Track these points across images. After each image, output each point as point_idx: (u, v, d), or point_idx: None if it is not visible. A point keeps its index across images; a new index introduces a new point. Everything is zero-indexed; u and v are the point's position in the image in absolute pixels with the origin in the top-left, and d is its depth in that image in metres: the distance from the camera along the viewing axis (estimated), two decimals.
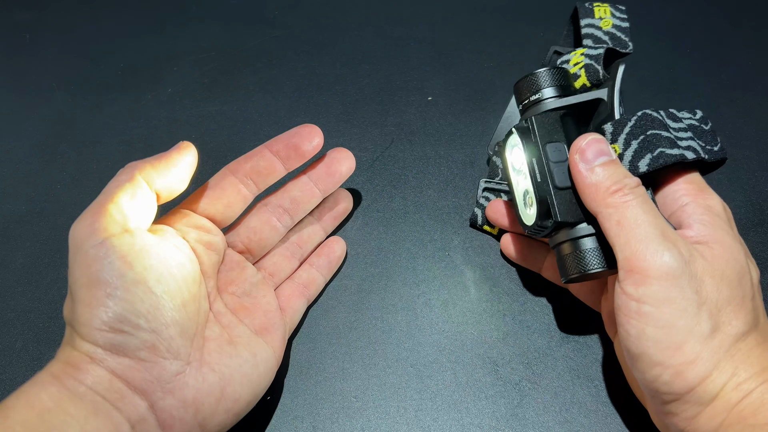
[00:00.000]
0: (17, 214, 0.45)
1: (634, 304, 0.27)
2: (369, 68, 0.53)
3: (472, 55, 0.54)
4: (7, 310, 0.39)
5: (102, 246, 0.27)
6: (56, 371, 0.26)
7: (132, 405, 0.26)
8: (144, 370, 0.27)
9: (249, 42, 0.57)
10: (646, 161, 0.30)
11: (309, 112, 0.50)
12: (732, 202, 0.43)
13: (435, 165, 0.45)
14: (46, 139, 0.49)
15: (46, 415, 0.25)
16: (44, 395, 0.25)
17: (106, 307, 0.26)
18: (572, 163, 0.30)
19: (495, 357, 0.36)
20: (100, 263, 0.27)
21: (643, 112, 0.31)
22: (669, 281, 0.26)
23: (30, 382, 0.26)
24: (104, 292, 0.26)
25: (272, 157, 0.36)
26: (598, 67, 0.34)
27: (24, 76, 0.55)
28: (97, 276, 0.27)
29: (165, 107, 0.51)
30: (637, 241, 0.27)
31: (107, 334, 0.26)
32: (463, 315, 0.38)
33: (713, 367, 0.26)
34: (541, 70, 0.33)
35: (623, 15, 0.39)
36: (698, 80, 0.52)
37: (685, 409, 0.26)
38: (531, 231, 0.32)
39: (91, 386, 0.26)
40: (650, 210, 0.28)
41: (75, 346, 0.27)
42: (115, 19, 0.60)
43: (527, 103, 0.33)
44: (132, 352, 0.27)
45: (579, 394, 0.34)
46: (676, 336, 0.26)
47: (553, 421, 0.34)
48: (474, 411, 0.34)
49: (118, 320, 0.26)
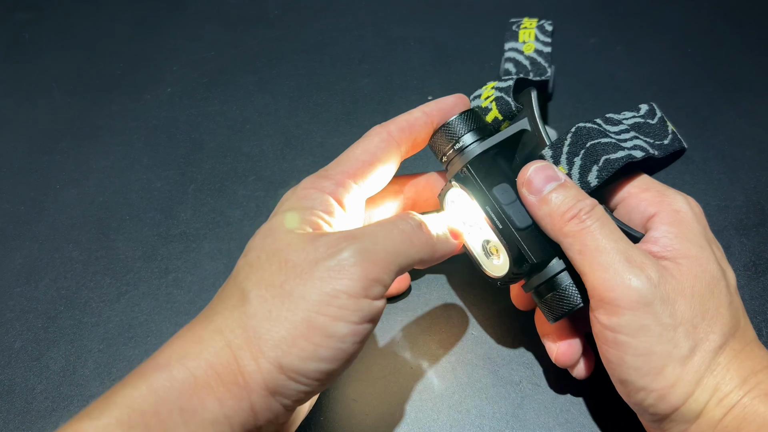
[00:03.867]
0: (16, 213, 0.45)
1: (609, 333, 0.26)
2: (369, 68, 0.53)
3: (472, 55, 0.54)
4: (5, 311, 0.39)
5: (360, 304, 0.24)
6: (200, 377, 0.23)
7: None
8: (275, 413, 0.24)
9: (249, 42, 0.57)
10: (594, 174, 0.29)
11: (309, 111, 0.50)
12: (732, 202, 0.43)
13: (435, 165, 0.45)
14: (46, 139, 0.49)
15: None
16: (177, 410, 0.22)
17: (306, 357, 0.23)
18: (522, 197, 0.29)
19: (495, 357, 0.36)
20: (344, 318, 0.24)
21: (576, 127, 0.30)
22: (641, 309, 0.25)
23: (164, 372, 0.23)
24: (318, 342, 0.24)
25: (429, 131, 0.32)
26: (509, 99, 0.34)
27: (23, 76, 0.55)
28: (327, 325, 0.24)
29: (164, 107, 0.51)
30: (602, 269, 0.26)
31: (284, 377, 0.24)
32: (464, 315, 0.38)
33: (695, 386, 0.26)
34: (453, 118, 0.32)
35: (547, 38, 0.38)
36: (698, 80, 0.51)
37: (671, 427, 0.27)
38: (503, 281, 0.31)
39: (229, 416, 0.23)
40: (611, 233, 0.27)
41: (237, 355, 0.24)
42: (115, 19, 0.60)
43: (451, 154, 0.32)
44: (283, 398, 0.24)
45: (580, 395, 0.34)
46: (656, 362, 0.25)
47: (554, 422, 0.33)
48: (474, 412, 0.34)
49: (303, 374, 0.24)
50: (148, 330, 0.38)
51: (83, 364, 0.37)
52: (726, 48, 0.54)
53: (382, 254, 0.25)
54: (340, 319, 0.24)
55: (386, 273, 0.25)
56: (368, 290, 0.24)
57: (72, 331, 0.38)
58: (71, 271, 0.41)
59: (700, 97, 0.50)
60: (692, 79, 0.52)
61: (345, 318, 0.24)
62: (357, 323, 0.24)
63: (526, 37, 0.38)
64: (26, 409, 0.35)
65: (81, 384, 0.36)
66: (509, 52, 0.38)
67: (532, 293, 0.31)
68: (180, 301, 0.39)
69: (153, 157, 0.48)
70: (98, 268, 0.41)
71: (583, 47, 0.55)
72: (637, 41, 0.55)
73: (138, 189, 0.46)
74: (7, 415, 0.34)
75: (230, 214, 0.44)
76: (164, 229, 0.43)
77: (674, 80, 0.52)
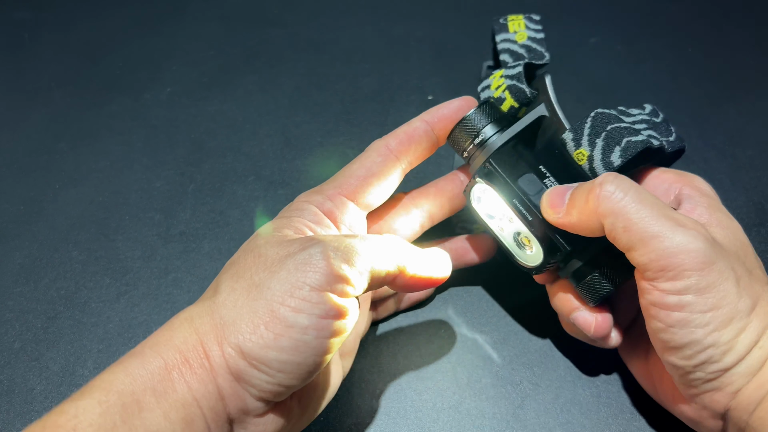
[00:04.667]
0: (16, 213, 0.44)
1: (673, 297, 0.26)
2: (369, 67, 0.53)
3: (472, 55, 0.53)
4: (5, 311, 0.39)
5: (325, 298, 0.24)
6: (169, 362, 0.24)
7: (221, 429, 0.25)
8: (244, 401, 0.25)
9: (248, 41, 0.57)
10: (617, 154, 0.29)
11: (309, 111, 0.50)
12: (733, 202, 0.43)
13: (435, 164, 0.45)
14: (45, 139, 0.49)
15: (147, 414, 0.23)
16: (150, 390, 0.23)
17: (266, 345, 0.24)
18: (551, 221, 0.29)
19: (495, 357, 0.36)
20: (306, 310, 0.24)
21: (595, 112, 0.31)
22: (707, 268, 0.25)
23: (138, 358, 0.24)
24: (278, 332, 0.24)
25: (432, 139, 0.32)
26: (522, 85, 0.33)
27: (22, 75, 0.55)
28: (287, 315, 0.24)
29: (164, 106, 0.51)
30: (657, 240, 0.26)
31: (245, 363, 0.24)
32: (464, 315, 0.38)
33: (762, 333, 0.26)
34: (471, 112, 0.32)
35: (538, 26, 0.38)
36: (699, 80, 0.51)
37: (731, 382, 0.26)
38: (539, 270, 0.31)
39: (198, 398, 0.24)
40: (647, 200, 0.26)
41: (202, 341, 0.24)
42: (114, 18, 0.60)
43: (472, 149, 0.32)
44: (247, 386, 0.24)
45: (580, 395, 0.34)
46: (724, 315, 0.26)
47: (554, 422, 0.33)
48: (475, 412, 0.34)
49: (263, 361, 0.24)
50: (148, 330, 0.38)
51: (83, 364, 0.36)
52: (726, 48, 0.54)
53: (354, 256, 0.25)
54: (301, 310, 0.24)
55: (355, 274, 0.25)
56: (334, 285, 0.25)
57: (72, 331, 0.38)
58: (71, 271, 0.41)
59: (700, 97, 0.50)
60: (692, 79, 0.52)
61: (307, 310, 0.24)
62: (320, 317, 0.24)
63: (516, 27, 0.38)
64: (26, 409, 0.35)
65: (81, 384, 0.36)
66: (502, 43, 0.38)
67: (569, 277, 0.31)
68: (180, 301, 0.39)
69: (153, 157, 0.48)
70: (98, 268, 0.41)
71: (583, 47, 0.55)
72: (637, 41, 0.55)
73: (138, 189, 0.46)
74: (7, 415, 0.34)
75: (230, 214, 0.44)
76: (164, 229, 0.43)
77: (674, 80, 0.52)
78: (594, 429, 0.33)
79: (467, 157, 0.33)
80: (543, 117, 0.32)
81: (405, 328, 0.37)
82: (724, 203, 0.31)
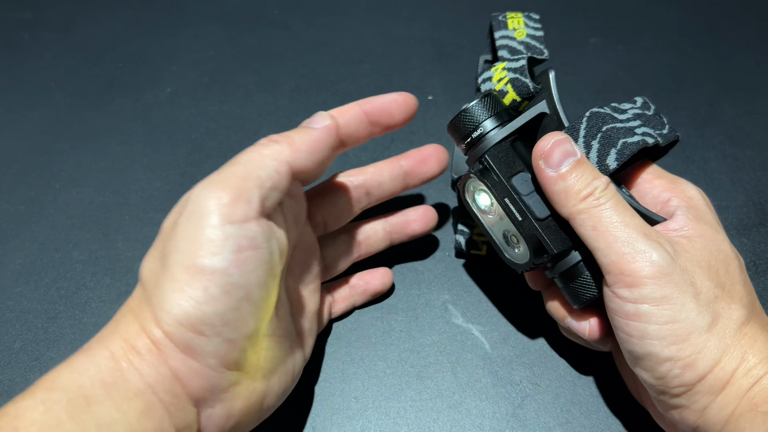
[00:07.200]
0: (16, 213, 0.44)
1: (630, 306, 0.26)
2: (369, 67, 0.53)
3: (472, 55, 0.53)
4: (5, 311, 0.39)
5: (227, 231, 0.24)
6: (116, 352, 0.24)
7: (183, 412, 0.24)
8: (206, 378, 0.25)
9: (249, 41, 0.57)
10: (613, 157, 0.29)
11: (309, 111, 0.50)
12: (733, 202, 0.43)
13: None
14: (45, 139, 0.49)
15: (96, 408, 0.22)
16: (98, 383, 0.23)
17: (198, 302, 0.24)
18: (537, 168, 0.29)
19: (495, 357, 0.36)
20: (217, 250, 0.24)
21: (590, 112, 0.31)
22: (663, 279, 0.26)
23: (85, 354, 0.24)
24: (203, 284, 0.24)
25: (365, 120, 0.33)
26: (525, 79, 0.33)
27: (23, 75, 0.55)
28: (204, 263, 0.24)
29: (164, 106, 0.51)
30: (620, 243, 0.26)
31: (187, 332, 0.24)
32: (464, 315, 0.38)
33: (722, 353, 0.25)
34: (473, 103, 0.32)
35: (537, 24, 0.38)
36: (699, 80, 0.51)
37: (696, 401, 0.26)
38: (524, 269, 0.31)
39: (151, 384, 0.24)
40: (625, 210, 0.27)
41: (143, 326, 0.24)
42: (114, 18, 0.60)
43: (470, 142, 0.32)
44: (202, 357, 0.24)
45: (580, 395, 0.34)
46: (681, 330, 0.25)
47: (554, 422, 0.33)
48: (475, 412, 0.34)
49: (203, 321, 0.24)
50: None
51: None
52: (726, 48, 0.54)
53: (231, 177, 0.25)
54: (215, 253, 0.24)
55: (243, 192, 0.25)
56: (231, 216, 0.24)
57: (72, 331, 0.38)
58: (71, 271, 0.41)
59: (700, 97, 0.50)
60: (692, 79, 0.52)
61: (219, 250, 0.24)
62: (236, 251, 0.24)
63: (516, 24, 0.38)
64: None
65: None
66: (501, 39, 0.38)
67: (556, 279, 0.31)
68: None
69: (153, 157, 0.48)
70: (98, 268, 0.41)
71: (583, 47, 0.55)
72: (637, 41, 0.55)
73: (138, 189, 0.46)
74: None
75: None
76: None
77: (674, 80, 0.52)
78: (594, 429, 0.33)
79: (464, 149, 0.33)
80: (543, 114, 0.32)
81: (404, 328, 0.37)
82: (724, 203, 0.31)
